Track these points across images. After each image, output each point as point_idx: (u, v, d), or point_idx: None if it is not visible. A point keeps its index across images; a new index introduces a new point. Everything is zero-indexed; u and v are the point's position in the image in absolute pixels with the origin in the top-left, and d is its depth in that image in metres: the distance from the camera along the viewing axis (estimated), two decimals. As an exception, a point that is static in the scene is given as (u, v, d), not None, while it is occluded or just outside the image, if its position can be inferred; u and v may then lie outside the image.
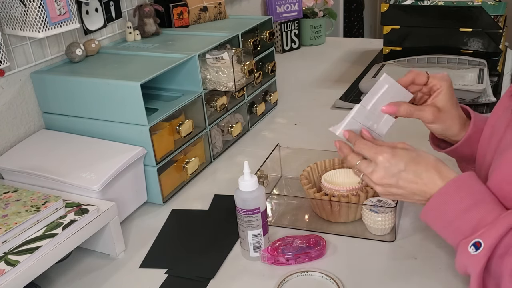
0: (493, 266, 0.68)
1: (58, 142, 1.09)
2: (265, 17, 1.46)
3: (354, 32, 3.66)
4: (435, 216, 0.75)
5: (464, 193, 0.73)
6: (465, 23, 1.61)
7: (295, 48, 2.12)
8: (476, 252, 0.68)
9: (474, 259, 0.68)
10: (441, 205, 0.74)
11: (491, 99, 1.41)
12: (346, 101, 1.52)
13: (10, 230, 0.80)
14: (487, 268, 0.68)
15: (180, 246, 0.97)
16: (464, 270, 0.71)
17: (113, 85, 1.04)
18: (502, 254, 0.67)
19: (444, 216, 0.74)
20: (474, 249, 0.68)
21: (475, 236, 0.69)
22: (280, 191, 1.12)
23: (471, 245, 0.69)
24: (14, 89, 1.11)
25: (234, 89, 1.21)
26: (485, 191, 0.73)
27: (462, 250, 0.70)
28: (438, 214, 0.74)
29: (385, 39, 1.74)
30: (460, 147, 0.90)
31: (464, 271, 0.71)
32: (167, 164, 1.10)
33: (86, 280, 0.91)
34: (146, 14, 1.34)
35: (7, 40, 1.07)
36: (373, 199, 0.96)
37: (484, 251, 0.67)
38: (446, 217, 0.73)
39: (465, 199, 0.72)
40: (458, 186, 0.74)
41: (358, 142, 0.81)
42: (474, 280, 0.68)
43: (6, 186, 0.94)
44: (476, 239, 0.69)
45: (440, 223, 0.75)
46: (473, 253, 0.68)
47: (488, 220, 0.69)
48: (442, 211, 0.74)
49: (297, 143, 1.26)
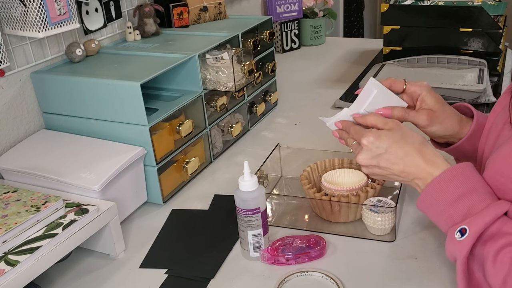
0: (477, 252, 0.69)
1: (58, 142, 1.09)
2: (265, 17, 1.46)
3: (354, 32, 3.66)
4: (430, 204, 0.76)
5: (459, 182, 0.74)
6: (465, 23, 1.61)
7: (295, 48, 2.12)
8: (462, 238, 0.70)
9: (459, 244, 0.70)
10: (436, 192, 0.75)
11: (491, 99, 1.41)
12: (346, 101, 1.52)
13: (10, 230, 0.80)
14: (472, 254, 0.70)
15: (180, 246, 0.97)
16: (452, 256, 0.72)
17: (113, 85, 1.04)
18: (485, 241, 0.68)
19: (438, 203, 0.75)
20: (460, 235, 0.70)
21: (463, 223, 0.71)
22: (280, 191, 1.12)
23: (457, 231, 0.71)
24: (14, 89, 1.11)
25: (234, 89, 1.21)
26: (479, 181, 0.74)
27: (450, 236, 0.72)
28: (432, 202, 0.76)
29: (385, 39, 1.74)
30: (463, 144, 0.91)
31: (452, 257, 0.72)
32: (167, 164, 1.10)
33: (86, 280, 0.91)
34: (146, 14, 1.34)
35: (7, 40, 1.07)
36: (373, 199, 0.96)
37: (469, 237, 0.69)
38: (440, 204, 0.75)
39: (459, 188, 0.73)
40: (454, 175, 0.75)
41: (352, 128, 0.86)
42: (459, 264, 0.69)
43: (6, 186, 0.94)
44: (462, 225, 0.70)
45: (434, 210, 0.76)
46: (459, 239, 0.70)
47: (478, 209, 0.71)
48: (436, 199, 0.75)
49: (297, 143, 1.26)
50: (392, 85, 0.90)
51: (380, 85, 0.87)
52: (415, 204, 1.01)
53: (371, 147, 0.80)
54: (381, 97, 0.87)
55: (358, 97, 0.88)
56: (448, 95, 1.42)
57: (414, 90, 0.90)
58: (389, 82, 0.90)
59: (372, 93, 0.86)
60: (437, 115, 0.89)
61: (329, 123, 0.89)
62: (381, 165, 0.80)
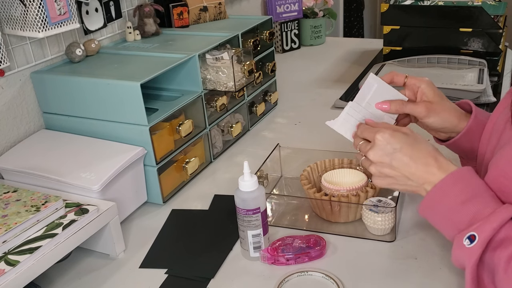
0: (487, 258, 0.68)
1: (58, 142, 1.09)
2: (265, 17, 1.46)
3: (354, 32, 3.66)
4: (433, 210, 0.75)
5: (462, 186, 0.73)
6: (465, 23, 1.61)
7: (295, 48, 2.12)
8: (471, 245, 0.69)
9: (468, 251, 0.69)
10: (439, 198, 0.74)
11: (491, 99, 1.41)
12: (346, 101, 1.51)
13: (10, 230, 0.80)
14: (482, 261, 0.69)
15: (180, 246, 0.97)
16: (459, 263, 0.71)
17: (113, 85, 1.04)
18: (495, 247, 0.67)
19: (442, 209, 0.74)
20: (469, 242, 0.69)
21: (471, 229, 0.70)
22: (280, 191, 1.12)
23: (466, 238, 0.70)
24: (14, 89, 1.11)
25: (234, 89, 1.21)
26: (482, 185, 0.73)
27: (458, 243, 0.71)
28: (436, 207, 0.75)
29: (385, 39, 1.74)
30: (460, 140, 0.91)
31: (459, 264, 0.71)
32: (167, 164, 1.10)
33: (86, 280, 0.91)
34: (146, 14, 1.34)
35: (7, 40, 1.07)
36: (373, 199, 0.96)
37: (479, 244, 0.68)
38: (444, 210, 0.74)
39: (463, 193, 0.73)
40: (456, 179, 0.74)
41: (361, 127, 0.85)
42: (468, 272, 0.68)
43: (6, 186, 0.94)
44: (471, 232, 0.69)
45: (437, 216, 0.75)
46: (468, 246, 0.69)
47: (484, 214, 0.70)
48: (440, 204, 0.74)
49: (297, 143, 1.26)
50: (394, 77, 0.91)
51: (380, 80, 0.90)
52: (415, 204, 1.02)
53: (385, 144, 0.79)
54: (381, 91, 0.89)
55: (359, 91, 0.90)
56: (448, 95, 1.41)
57: (414, 83, 0.91)
58: (391, 75, 0.91)
59: (373, 87, 0.89)
60: (435, 107, 0.89)
61: (335, 125, 0.89)
62: (393, 164, 0.78)
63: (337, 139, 0.93)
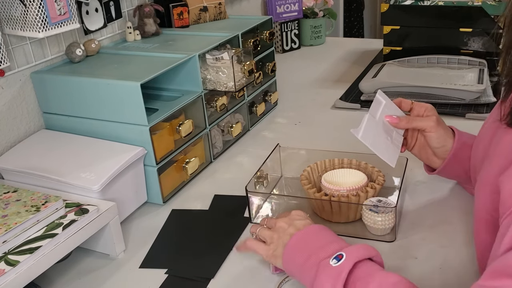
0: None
1: (58, 142, 1.09)
2: (265, 17, 1.46)
3: (354, 32, 3.66)
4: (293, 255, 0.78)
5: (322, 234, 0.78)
6: (465, 23, 1.61)
7: (295, 48, 2.12)
8: (338, 263, 0.70)
9: (337, 269, 0.70)
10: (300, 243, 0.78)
11: (491, 99, 1.41)
12: (346, 101, 1.52)
13: (10, 230, 0.80)
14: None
15: (180, 246, 0.97)
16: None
17: (113, 85, 1.04)
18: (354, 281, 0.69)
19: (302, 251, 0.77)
20: (336, 261, 0.71)
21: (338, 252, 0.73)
22: (280, 191, 1.12)
23: (333, 258, 0.72)
24: (14, 89, 1.11)
25: (234, 89, 1.21)
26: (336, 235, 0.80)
27: (324, 266, 0.71)
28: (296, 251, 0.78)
29: (385, 39, 1.74)
30: (448, 165, 0.96)
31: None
32: (167, 164, 1.10)
33: (86, 280, 0.91)
34: (146, 14, 1.34)
35: (7, 40, 1.07)
36: (373, 199, 0.96)
37: (347, 260, 0.70)
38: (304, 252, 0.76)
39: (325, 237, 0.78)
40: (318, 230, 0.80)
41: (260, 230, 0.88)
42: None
43: (6, 186, 0.94)
44: (338, 252, 0.72)
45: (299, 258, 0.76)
46: (335, 265, 0.70)
47: (348, 245, 0.74)
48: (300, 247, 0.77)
49: (297, 143, 1.26)
50: (402, 103, 0.99)
51: (386, 97, 0.97)
52: (415, 204, 1.02)
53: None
54: (388, 108, 0.97)
55: (371, 105, 0.96)
56: (448, 95, 1.42)
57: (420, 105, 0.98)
58: (399, 100, 0.99)
59: (382, 103, 0.97)
60: (440, 121, 0.96)
61: (360, 135, 0.91)
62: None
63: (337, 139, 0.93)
